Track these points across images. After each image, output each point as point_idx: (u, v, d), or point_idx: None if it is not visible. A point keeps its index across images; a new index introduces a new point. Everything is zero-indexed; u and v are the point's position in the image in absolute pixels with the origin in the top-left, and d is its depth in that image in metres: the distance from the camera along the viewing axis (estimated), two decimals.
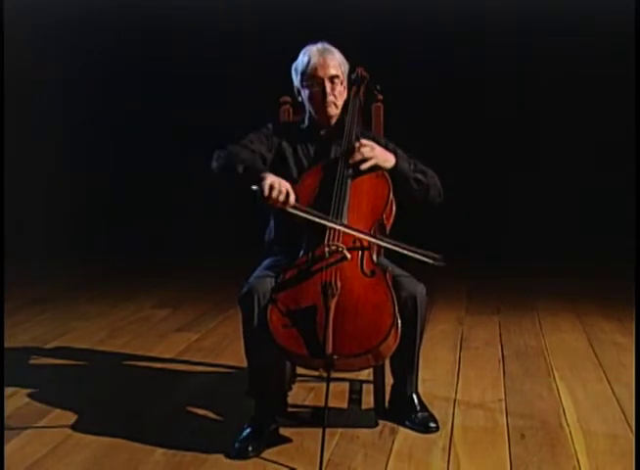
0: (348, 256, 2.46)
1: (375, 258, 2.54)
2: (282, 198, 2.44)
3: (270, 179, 2.45)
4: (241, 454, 2.42)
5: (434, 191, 2.71)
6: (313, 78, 2.64)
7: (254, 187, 2.43)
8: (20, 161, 6.14)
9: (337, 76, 2.65)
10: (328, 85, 2.64)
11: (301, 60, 2.67)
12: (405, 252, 2.47)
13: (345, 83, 2.71)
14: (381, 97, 2.89)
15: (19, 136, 6.03)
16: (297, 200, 2.54)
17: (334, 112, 2.69)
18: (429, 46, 5.70)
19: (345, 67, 2.71)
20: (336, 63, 2.65)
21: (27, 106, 6.20)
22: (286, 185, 2.47)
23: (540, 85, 5.72)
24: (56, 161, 6.39)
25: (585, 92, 5.61)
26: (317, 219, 2.48)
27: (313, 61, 2.63)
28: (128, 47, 6.13)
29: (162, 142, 6.22)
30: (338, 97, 2.67)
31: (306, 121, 2.76)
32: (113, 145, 6.40)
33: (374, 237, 2.53)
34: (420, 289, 2.53)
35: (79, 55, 6.22)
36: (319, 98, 2.65)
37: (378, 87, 2.88)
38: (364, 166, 2.60)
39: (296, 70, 2.70)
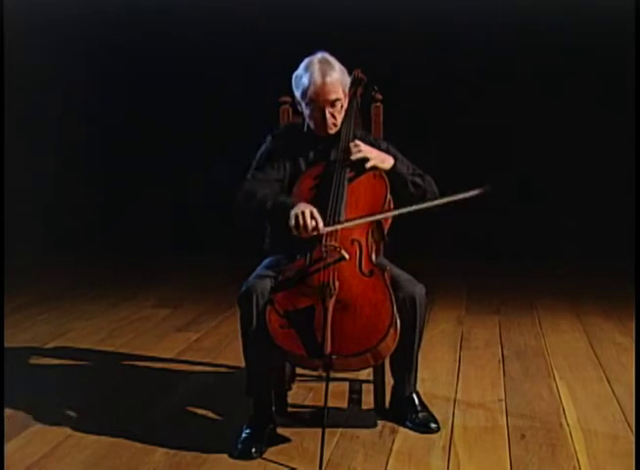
0: (346, 256, 2.47)
1: (374, 258, 2.54)
2: (310, 230, 2.43)
3: (294, 214, 2.44)
4: (244, 456, 2.43)
5: (431, 197, 2.69)
6: (314, 102, 2.60)
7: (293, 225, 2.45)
8: (19, 160, 6.13)
9: (337, 100, 2.62)
10: (328, 110, 2.61)
11: (302, 78, 2.61)
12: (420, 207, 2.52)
13: (345, 100, 2.67)
14: (380, 97, 2.89)
15: (18, 136, 6.03)
16: (295, 200, 2.55)
17: (333, 131, 2.67)
18: (429, 46, 5.69)
19: (346, 82, 2.66)
20: (337, 84, 2.59)
21: (27, 105, 6.19)
22: (310, 213, 2.44)
23: (539, 85, 5.72)
24: (56, 160, 6.39)
25: (585, 91, 5.61)
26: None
27: (314, 84, 2.57)
28: (128, 47, 6.12)
29: (163, 142, 6.22)
30: (337, 117, 2.65)
31: (305, 127, 2.74)
32: (112, 145, 6.40)
33: (374, 215, 2.52)
34: (418, 290, 2.53)
35: (79, 55, 6.22)
36: (319, 119, 2.63)
37: (375, 88, 2.88)
38: (365, 166, 2.59)
39: (296, 84, 2.65)
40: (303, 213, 2.44)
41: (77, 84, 6.29)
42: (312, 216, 2.45)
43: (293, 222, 2.44)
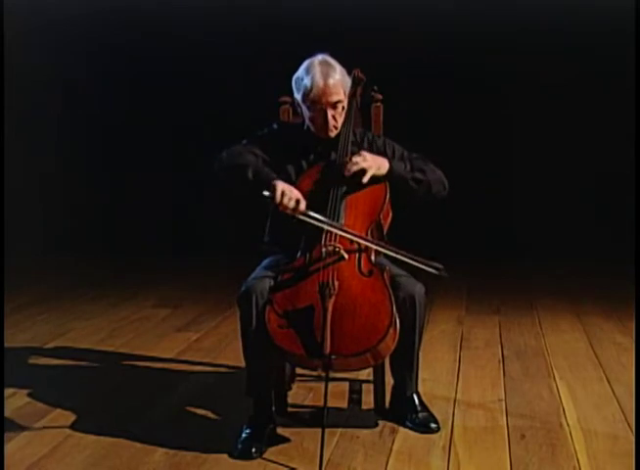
0: (346, 256, 2.47)
1: (373, 257, 2.53)
2: (292, 205, 2.47)
3: (282, 186, 2.47)
4: (244, 456, 2.43)
5: (438, 186, 2.69)
6: (315, 104, 2.60)
7: (266, 193, 2.47)
8: (20, 161, 6.14)
9: (339, 101, 2.61)
10: (330, 112, 2.61)
11: (303, 80, 2.60)
12: (408, 260, 2.47)
13: (346, 101, 2.66)
14: (380, 97, 2.89)
15: (18, 136, 6.03)
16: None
17: (334, 133, 2.67)
18: (430, 45, 5.69)
19: (347, 83, 2.66)
20: (338, 86, 2.59)
21: (27, 105, 6.19)
22: (297, 193, 2.50)
23: (539, 84, 5.72)
24: (56, 160, 6.39)
25: (585, 91, 5.61)
26: (326, 226, 2.50)
27: (316, 87, 2.56)
28: (128, 47, 6.12)
29: (163, 142, 6.22)
30: (338, 119, 2.65)
31: (305, 127, 2.74)
32: (113, 145, 6.40)
33: (380, 245, 2.52)
34: (418, 289, 2.53)
35: (79, 55, 6.22)
36: (320, 122, 2.63)
37: (375, 88, 2.88)
38: (362, 180, 2.57)
39: (297, 86, 2.64)
40: (290, 187, 2.49)
41: (77, 84, 6.29)
42: (297, 193, 2.49)
43: (278, 193, 2.44)
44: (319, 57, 2.64)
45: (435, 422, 2.63)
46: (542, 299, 4.57)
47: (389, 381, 2.73)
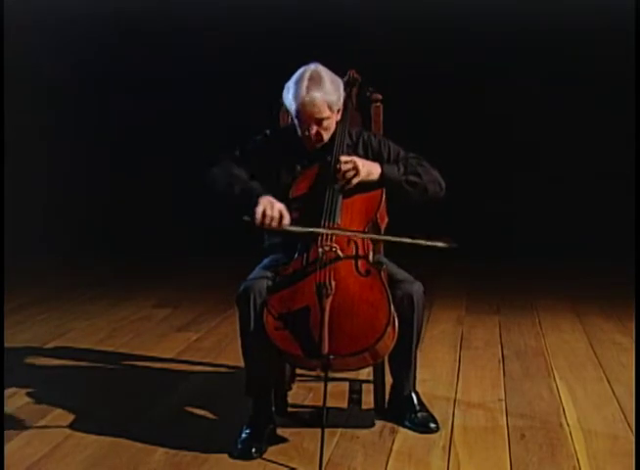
0: (342, 255, 2.47)
1: (371, 257, 2.53)
2: (275, 223, 2.47)
3: (262, 205, 2.46)
4: (244, 456, 2.43)
5: (433, 187, 2.66)
6: (298, 118, 2.59)
7: (246, 218, 2.46)
8: (20, 161, 6.14)
9: (322, 119, 2.57)
10: (313, 128, 2.58)
11: (289, 91, 2.57)
12: (410, 241, 2.46)
13: (337, 115, 2.63)
14: (379, 97, 2.89)
15: (18, 136, 6.02)
16: (290, 202, 2.56)
17: (319, 144, 2.65)
18: (430, 45, 5.69)
19: (336, 99, 2.58)
20: (322, 104, 2.54)
21: (28, 106, 6.20)
22: (278, 207, 2.48)
23: (539, 84, 5.72)
24: (56, 161, 6.39)
25: (585, 91, 5.61)
26: (316, 230, 2.49)
27: (298, 101, 2.54)
28: (128, 48, 6.12)
29: (163, 142, 6.22)
30: (323, 134, 2.62)
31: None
32: (113, 145, 6.40)
33: (369, 234, 2.52)
34: (416, 288, 2.53)
35: (79, 55, 6.22)
36: (303, 134, 2.62)
37: (371, 88, 2.87)
38: (350, 185, 2.57)
39: (285, 95, 2.62)
40: (272, 204, 2.47)
41: (77, 84, 6.28)
42: (278, 210, 2.47)
43: (259, 211, 2.45)
44: (312, 67, 2.59)
45: (435, 422, 2.63)
46: (542, 299, 4.57)
47: (390, 381, 2.73)
